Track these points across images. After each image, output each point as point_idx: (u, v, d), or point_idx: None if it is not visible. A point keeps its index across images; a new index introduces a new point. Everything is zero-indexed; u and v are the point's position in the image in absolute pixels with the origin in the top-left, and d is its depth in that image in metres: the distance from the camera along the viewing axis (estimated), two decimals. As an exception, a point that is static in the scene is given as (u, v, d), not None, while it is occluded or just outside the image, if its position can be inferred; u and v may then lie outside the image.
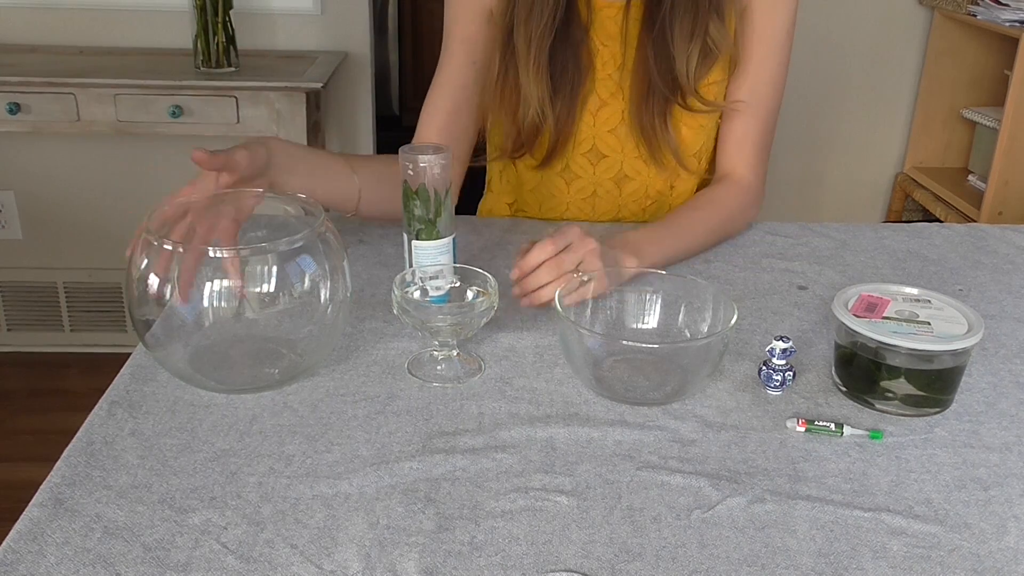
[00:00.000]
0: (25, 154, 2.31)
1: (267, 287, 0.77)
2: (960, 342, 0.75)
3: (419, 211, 0.88)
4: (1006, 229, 1.18)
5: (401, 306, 0.79)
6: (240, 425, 0.73)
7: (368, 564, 0.59)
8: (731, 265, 1.05)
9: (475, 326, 0.80)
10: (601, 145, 1.14)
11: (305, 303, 0.78)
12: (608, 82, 1.11)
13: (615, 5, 1.09)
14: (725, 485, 0.68)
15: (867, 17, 2.48)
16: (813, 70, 2.52)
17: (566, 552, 0.61)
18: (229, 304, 0.77)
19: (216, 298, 0.76)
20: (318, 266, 0.78)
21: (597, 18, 1.10)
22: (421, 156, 0.86)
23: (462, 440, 0.72)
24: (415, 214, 0.88)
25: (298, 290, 0.78)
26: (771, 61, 1.11)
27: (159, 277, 0.75)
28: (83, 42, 2.22)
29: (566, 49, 1.08)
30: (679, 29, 1.05)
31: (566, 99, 1.10)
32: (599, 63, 1.11)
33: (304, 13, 2.24)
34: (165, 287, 0.75)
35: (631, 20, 1.09)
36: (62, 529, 0.61)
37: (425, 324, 0.79)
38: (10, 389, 2.30)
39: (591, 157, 1.15)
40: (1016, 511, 0.66)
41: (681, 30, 1.05)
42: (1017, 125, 2.08)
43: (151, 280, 0.75)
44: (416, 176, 0.87)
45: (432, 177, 0.87)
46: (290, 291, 0.78)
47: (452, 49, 1.12)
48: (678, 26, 1.05)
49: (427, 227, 0.88)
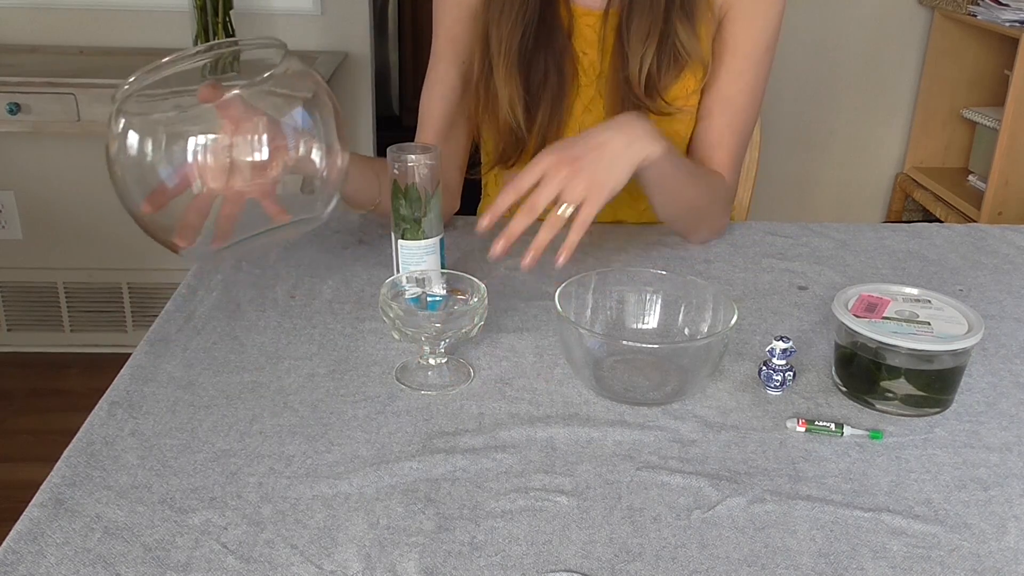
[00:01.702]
0: (25, 154, 2.31)
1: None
2: (960, 342, 0.75)
3: (404, 210, 0.88)
4: (1006, 229, 1.18)
5: (392, 320, 0.79)
6: (240, 425, 0.73)
7: (368, 564, 0.59)
8: (731, 265, 1.05)
9: (465, 335, 0.80)
10: None
11: None
12: (589, 89, 1.11)
13: (594, 13, 1.09)
14: (725, 485, 0.68)
15: (867, 17, 2.48)
16: (813, 70, 2.52)
17: (566, 552, 0.61)
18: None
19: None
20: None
21: (577, 25, 1.10)
22: (408, 155, 0.86)
23: (462, 440, 0.72)
24: (401, 213, 0.88)
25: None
26: (747, 75, 1.09)
27: None
28: (83, 42, 2.22)
29: (547, 56, 1.07)
30: (635, 29, 1.04)
31: (549, 106, 1.09)
32: (581, 70, 1.11)
33: (304, 13, 2.24)
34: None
35: (608, 28, 1.08)
36: (62, 529, 0.61)
37: (413, 336, 0.79)
38: (10, 389, 2.30)
39: None
40: (1016, 511, 0.66)
41: (637, 30, 1.04)
42: (1017, 125, 2.08)
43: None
44: (403, 175, 0.87)
45: (419, 176, 0.86)
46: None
47: (440, 50, 1.12)
48: (634, 26, 1.04)
49: (412, 227, 0.88)
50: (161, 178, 0.74)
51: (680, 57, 1.05)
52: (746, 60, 1.08)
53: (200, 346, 0.85)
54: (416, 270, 0.87)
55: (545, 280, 0.99)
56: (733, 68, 1.08)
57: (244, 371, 0.81)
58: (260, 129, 0.75)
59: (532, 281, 0.99)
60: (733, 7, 1.06)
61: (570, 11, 1.09)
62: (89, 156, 2.32)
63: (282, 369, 0.82)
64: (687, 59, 1.06)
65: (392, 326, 0.79)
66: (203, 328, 0.88)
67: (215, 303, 0.93)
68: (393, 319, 0.78)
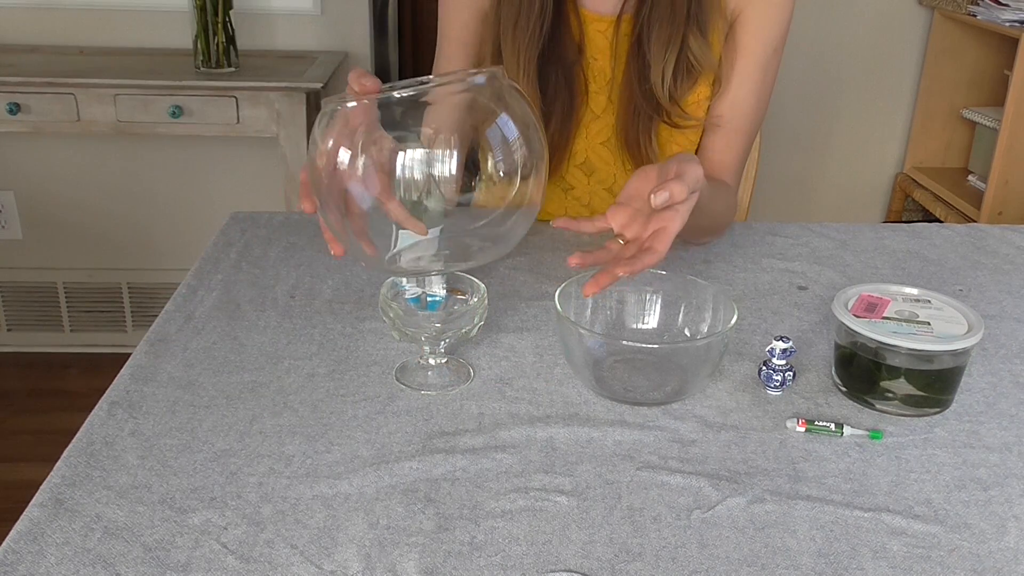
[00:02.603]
0: (25, 154, 2.31)
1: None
2: (960, 342, 0.75)
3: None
4: (1006, 229, 1.18)
5: (392, 320, 0.78)
6: (240, 425, 0.73)
7: (368, 564, 0.59)
8: (731, 265, 1.05)
9: (465, 334, 0.80)
10: (594, 158, 1.14)
11: None
12: (599, 96, 1.11)
13: (605, 19, 1.08)
14: (725, 485, 0.68)
15: (867, 17, 2.48)
16: (813, 70, 2.52)
17: (566, 552, 0.61)
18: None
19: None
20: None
21: (588, 31, 1.09)
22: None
23: (462, 440, 0.72)
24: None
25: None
26: (756, 77, 1.09)
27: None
28: (83, 42, 2.22)
29: (558, 68, 1.07)
30: (656, 37, 1.04)
31: (561, 115, 1.08)
32: (591, 76, 1.10)
33: (304, 13, 2.24)
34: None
35: (621, 35, 1.08)
36: (62, 529, 0.62)
37: (413, 335, 0.78)
38: (10, 389, 2.30)
39: (585, 169, 1.15)
40: (1016, 511, 0.66)
41: (658, 38, 1.03)
42: (1017, 125, 2.08)
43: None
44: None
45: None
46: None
47: (448, 52, 1.11)
48: (655, 34, 1.04)
49: (412, 207, 0.87)
50: None
51: (693, 68, 1.05)
52: (755, 63, 1.08)
53: (200, 346, 0.85)
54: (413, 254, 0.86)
55: (545, 280, 0.99)
56: (742, 71, 1.08)
57: (244, 371, 0.81)
58: None
59: (532, 281, 0.99)
60: (744, 10, 1.06)
61: (579, 16, 1.09)
62: (89, 156, 2.32)
63: (282, 369, 0.82)
64: (700, 70, 1.05)
65: (392, 326, 0.79)
66: (203, 328, 0.88)
67: (215, 303, 0.93)
68: (393, 319, 0.78)
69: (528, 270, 1.01)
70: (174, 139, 2.30)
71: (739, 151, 1.12)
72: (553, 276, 0.99)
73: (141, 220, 2.37)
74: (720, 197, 1.06)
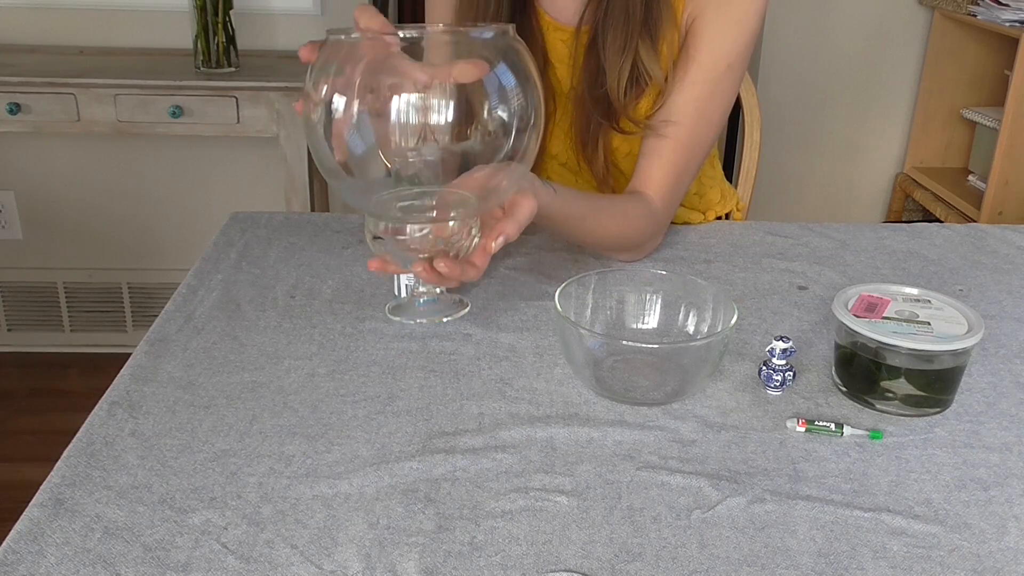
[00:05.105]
0: (25, 154, 2.32)
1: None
2: (960, 342, 0.75)
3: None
4: (1006, 229, 1.19)
5: (377, 238, 0.77)
6: (240, 425, 0.74)
7: (368, 564, 0.59)
8: (731, 265, 1.05)
9: (458, 247, 0.77)
10: (572, 160, 1.15)
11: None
12: (564, 100, 1.11)
13: (566, 29, 1.08)
14: (725, 485, 0.68)
15: (867, 17, 2.48)
16: (813, 70, 2.52)
17: (566, 552, 0.61)
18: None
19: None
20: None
21: (549, 40, 1.09)
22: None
23: (462, 440, 0.72)
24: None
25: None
26: (701, 90, 1.02)
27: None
28: (83, 42, 2.22)
29: None
30: (610, 44, 1.01)
31: None
32: (554, 82, 1.11)
33: (304, 13, 2.24)
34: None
35: (579, 44, 1.07)
36: (62, 529, 0.62)
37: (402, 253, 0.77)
38: (10, 389, 2.30)
39: (570, 167, 1.16)
40: (1016, 511, 0.66)
41: (612, 45, 1.01)
42: (1017, 125, 2.08)
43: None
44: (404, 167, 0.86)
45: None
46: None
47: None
48: (609, 41, 1.01)
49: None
50: None
51: (641, 77, 1.02)
52: (701, 72, 1.02)
53: (200, 346, 0.85)
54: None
55: (545, 280, 0.99)
56: (685, 79, 1.03)
57: (244, 371, 0.81)
58: None
59: (532, 281, 0.99)
60: (699, 18, 1.02)
61: (540, 23, 1.08)
62: (89, 156, 2.33)
63: (282, 369, 0.82)
64: (647, 80, 1.02)
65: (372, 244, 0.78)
66: (203, 328, 0.88)
67: (215, 303, 0.93)
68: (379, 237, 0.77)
69: (528, 270, 1.01)
70: (174, 139, 2.31)
71: (670, 165, 1.04)
72: (553, 276, 0.99)
73: (141, 220, 2.37)
74: (612, 220, 0.99)
